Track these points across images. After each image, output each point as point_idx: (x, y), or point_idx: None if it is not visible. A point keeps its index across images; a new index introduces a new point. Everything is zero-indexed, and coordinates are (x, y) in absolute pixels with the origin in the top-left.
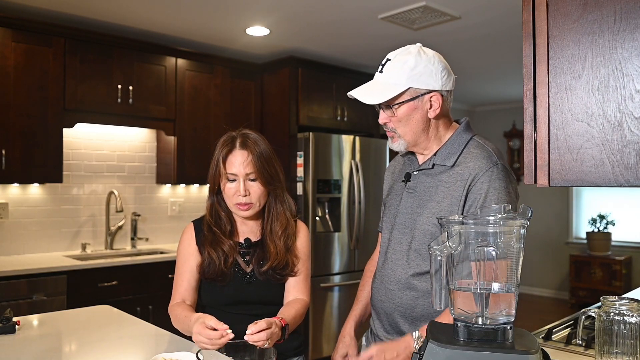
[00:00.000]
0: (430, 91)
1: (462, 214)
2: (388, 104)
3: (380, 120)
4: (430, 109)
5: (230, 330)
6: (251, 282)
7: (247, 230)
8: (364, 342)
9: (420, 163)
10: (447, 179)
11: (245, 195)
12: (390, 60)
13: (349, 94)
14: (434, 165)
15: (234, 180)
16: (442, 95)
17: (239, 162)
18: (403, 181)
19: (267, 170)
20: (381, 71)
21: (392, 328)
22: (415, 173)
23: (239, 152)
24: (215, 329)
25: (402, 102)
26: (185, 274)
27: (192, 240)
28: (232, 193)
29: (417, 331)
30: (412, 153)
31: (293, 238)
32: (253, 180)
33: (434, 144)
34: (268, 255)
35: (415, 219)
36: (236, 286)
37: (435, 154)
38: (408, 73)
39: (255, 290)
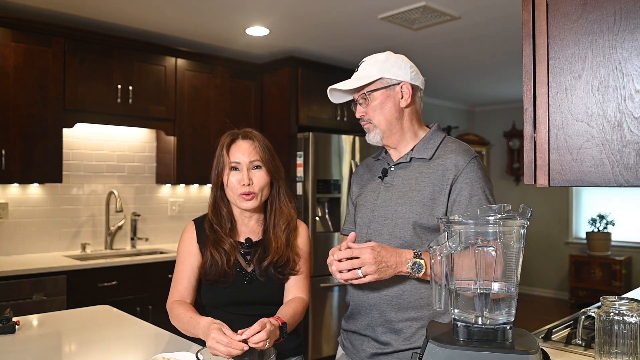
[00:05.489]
0: (400, 82)
1: (448, 202)
2: (365, 97)
3: (357, 114)
4: (401, 98)
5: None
6: (252, 282)
7: (248, 230)
8: (340, 350)
9: (395, 160)
10: (427, 170)
11: (249, 184)
12: (364, 61)
13: (329, 88)
14: (411, 159)
15: (237, 170)
16: (412, 86)
17: (243, 149)
18: (380, 177)
19: (271, 160)
20: (357, 70)
21: (375, 322)
22: (392, 168)
23: (242, 141)
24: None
25: (374, 89)
26: (185, 272)
27: (193, 239)
28: (236, 183)
29: (413, 258)
30: (385, 152)
31: (294, 234)
32: (257, 168)
33: (410, 139)
34: (269, 250)
35: (396, 209)
36: (237, 287)
37: (412, 149)
38: (379, 66)
39: (255, 290)
